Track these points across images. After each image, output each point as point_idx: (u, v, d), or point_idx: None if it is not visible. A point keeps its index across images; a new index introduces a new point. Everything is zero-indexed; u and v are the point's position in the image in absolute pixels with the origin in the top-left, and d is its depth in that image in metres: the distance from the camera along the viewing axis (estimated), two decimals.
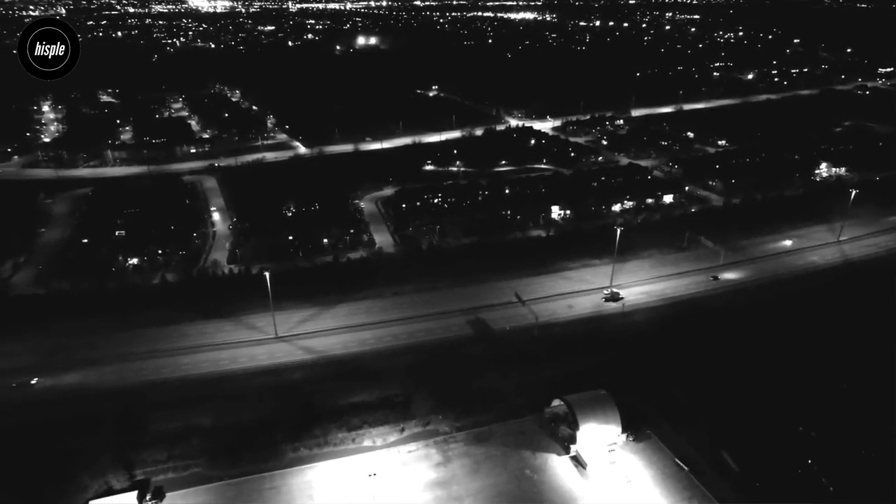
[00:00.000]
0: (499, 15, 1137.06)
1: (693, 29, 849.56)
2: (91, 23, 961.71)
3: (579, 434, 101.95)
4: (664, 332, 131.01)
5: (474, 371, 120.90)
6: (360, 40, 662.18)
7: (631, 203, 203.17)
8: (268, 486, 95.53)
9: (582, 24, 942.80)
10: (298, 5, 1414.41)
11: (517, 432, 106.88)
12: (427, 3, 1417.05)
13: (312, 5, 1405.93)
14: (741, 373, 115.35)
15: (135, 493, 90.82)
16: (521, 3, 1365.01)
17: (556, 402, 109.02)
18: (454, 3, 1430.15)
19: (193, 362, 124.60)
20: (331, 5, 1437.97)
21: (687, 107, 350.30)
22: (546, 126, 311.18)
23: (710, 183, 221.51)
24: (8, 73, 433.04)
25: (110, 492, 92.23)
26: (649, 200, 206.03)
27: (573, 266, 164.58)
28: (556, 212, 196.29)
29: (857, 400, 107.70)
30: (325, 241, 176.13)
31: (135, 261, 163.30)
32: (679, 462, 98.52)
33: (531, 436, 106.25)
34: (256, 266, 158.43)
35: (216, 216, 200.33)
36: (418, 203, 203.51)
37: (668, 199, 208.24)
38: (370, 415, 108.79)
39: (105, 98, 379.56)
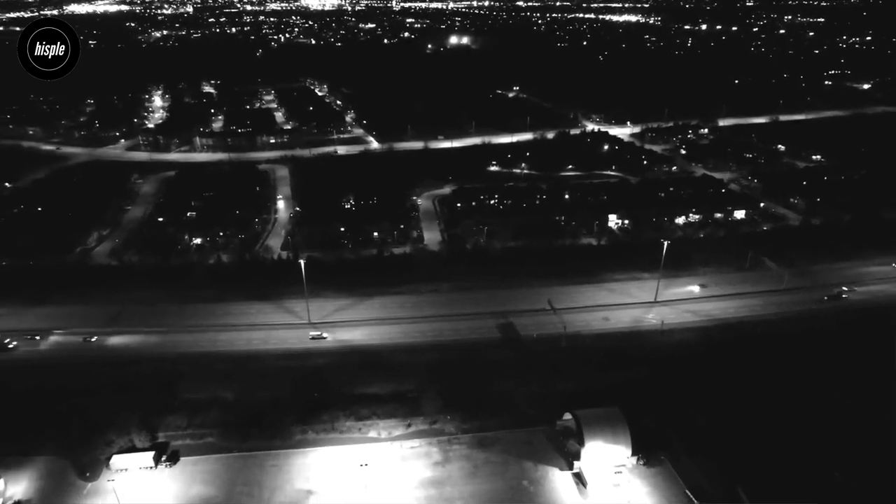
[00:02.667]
0: (600, 17, 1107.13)
1: (812, 33, 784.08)
2: (212, 19, 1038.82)
3: (584, 451, 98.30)
4: (701, 355, 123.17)
5: (493, 375, 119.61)
6: (453, 40, 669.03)
7: (696, 216, 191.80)
8: (271, 462, 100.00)
9: (687, 27, 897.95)
10: (402, 4, 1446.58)
11: (523, 442, 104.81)
12: (529, 4, 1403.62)
13: (416, 4, 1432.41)
14: (776, 406, 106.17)
15: (152, 454, 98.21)
16: (626, 6, 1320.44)
17: (567, 416, 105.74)
18: (557, 4, 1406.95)
19: (229, 339, 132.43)
20: (433, 5, 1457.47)
21: (784, 117, 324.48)
22: (623, 132, 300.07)
23: (792, 200, 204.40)
24: (127, 63, 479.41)
25: (133, 449, 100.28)
26: (718, 215, 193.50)
27: (620, 278, 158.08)
28: (613, 220, 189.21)
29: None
30: (375, 234, 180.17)
31: (199, 241, 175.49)
32: (689, 494, 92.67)
33: (537, 447, 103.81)
34: (304, 254, 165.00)
35: (281, 204, 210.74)
36: (473, 203, 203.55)
37: (739, 214, 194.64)
38: (380, 407, 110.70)
39: (207, 89, 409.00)
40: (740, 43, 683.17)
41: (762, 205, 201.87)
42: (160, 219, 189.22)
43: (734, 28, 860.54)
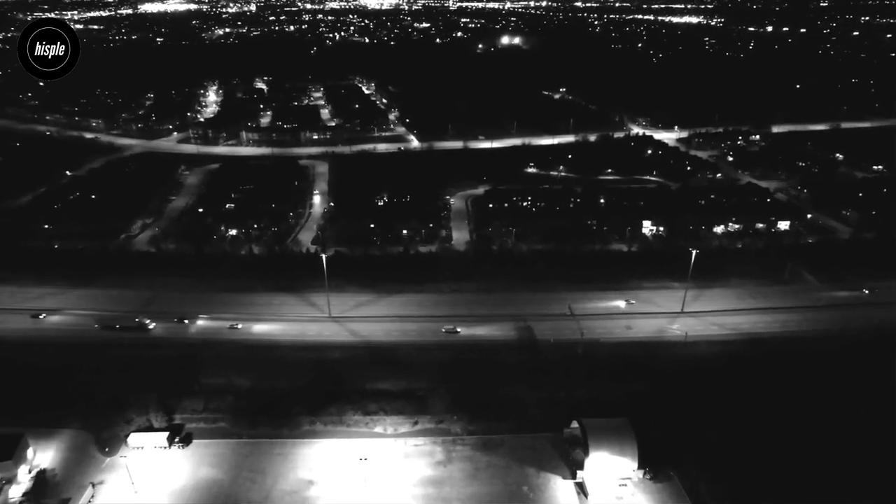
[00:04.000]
0: (659, 18, 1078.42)
1: (889, 35, 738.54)
2: (272, 18, 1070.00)
3: (588, 461, 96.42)
4: (723, 369, 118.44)
5: (505, 378, 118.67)
6: (504, 40, 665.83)
7: (736, 226, 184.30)
8: (277, 451, 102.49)
9: (751, 29, 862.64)
10: (459, 3, 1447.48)
11: (528, 447, 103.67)
12: (587, 5, 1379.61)
13: (472, 4, 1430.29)
14: (796, 428, 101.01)
15: (166, 435, 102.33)
16: (688, 7, 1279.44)
17: (574, 424, 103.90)
18: (616, 5, 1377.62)
19: (252, 329, 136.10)
20: (490, 4, 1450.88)
21: (847, 125, 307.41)
22: (669, 136, 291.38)
23: (844, 212, 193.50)
24: (188, 60, 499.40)
25: (150, 429, 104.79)
26: (759, 225, 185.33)
27: (648, 286, 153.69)
28: (647, 227, 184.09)
29: None
30: (404, 232, 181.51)
31: (234, 232, 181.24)
32: None
33: (542, 454, 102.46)
34: (332, 249, 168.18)
35: (316, 199, 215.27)
36: (505, 204, 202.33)
37: (783, 225, 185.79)
38: (389, 403, 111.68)
39: (259, 85, 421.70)
40: (808, 45, 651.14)
41: (809, 216, 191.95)
42: (200, 209, 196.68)
43: (803, 30, 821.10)
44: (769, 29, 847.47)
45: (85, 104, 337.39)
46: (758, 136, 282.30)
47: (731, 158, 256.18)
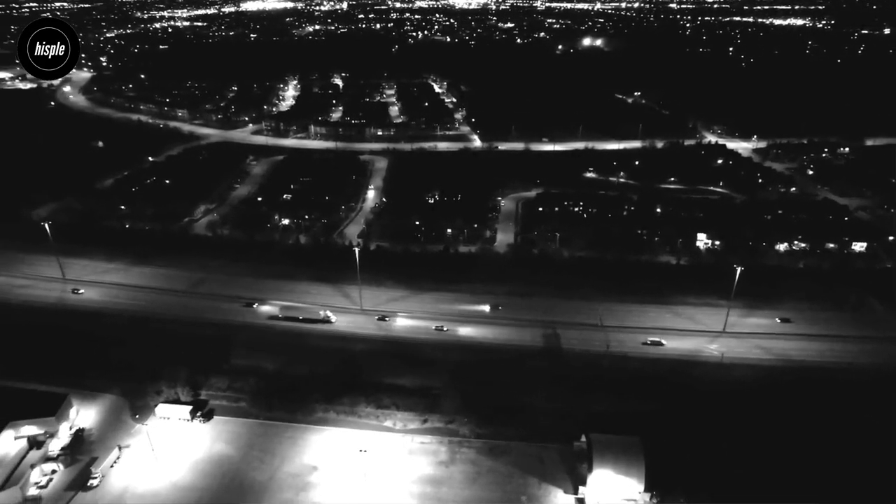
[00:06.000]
0: (760, 20, 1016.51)
1: None
2: (361, 16, 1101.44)
3: (591, 477, 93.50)
4: (759, 397, 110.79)
5: (523, 385, 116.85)
6: (586, 41, 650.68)
7: (803, 244, 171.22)
8: (289, 434, 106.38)
9: (864, 31, 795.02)
10: (546, 4, 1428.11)
11: (534, 457, 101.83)
12: (682, 6, 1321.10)
13: (561, 4, 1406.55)
14: (831, 470, 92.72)
15: (190, 409, 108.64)
16: (796, 8, 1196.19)
17: (584, 438, 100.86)
18: (715, 6, 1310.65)
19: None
20: (579, 5, 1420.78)
21: None
22: (744, 146, 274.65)
23: None
24: (275, 55, 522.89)
25: (177, 402, 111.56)
26: (830, 245, 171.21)
27: (692, 302, 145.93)
28: (701, 240, 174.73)
29: None
30: (448, 231, 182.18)
31: (286, 221, 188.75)
32: None
33: (547, 465, 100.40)
34: (374, 243, 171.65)
35: (370, 194, 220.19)
36: (556, 208, 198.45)
37: (858, 247, 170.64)
38: (402, 399, 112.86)
39: (336, 80, 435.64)
40: None
41: (892, 238, 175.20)
42: (259, 198, 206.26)
43: None
44: (886, 32, 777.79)
45: (175, 95, 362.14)
46: (846, 149, 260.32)
47: (810, 172, 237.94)
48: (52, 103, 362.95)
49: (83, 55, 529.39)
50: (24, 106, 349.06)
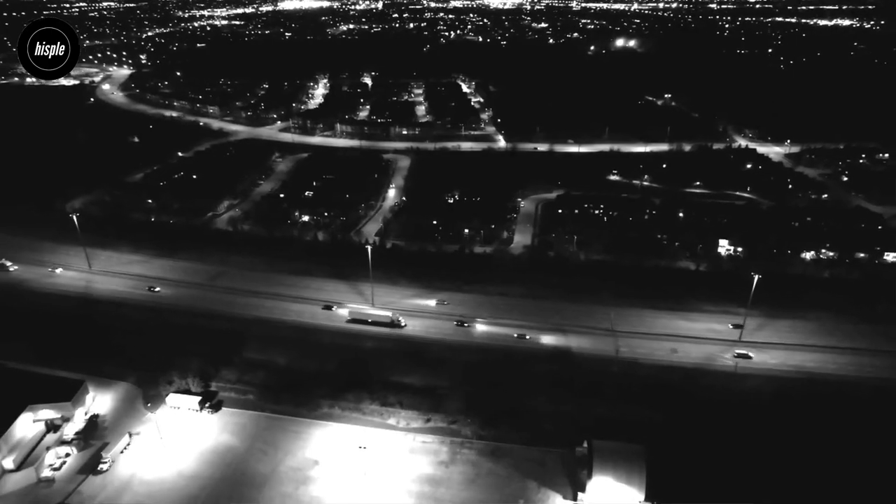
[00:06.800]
0: (803, 21, 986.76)
1: None
2: (396, 15, 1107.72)
3: (590, 484, 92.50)
4: (771, 409, 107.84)
5: (529, 388, 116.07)
6: (619, 42, 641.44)
7: (830, 253, 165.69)
8: (293, 428, 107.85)
9: None
10: (582, 4, 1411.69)
11: (536, 461, 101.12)
12: (722, 7, 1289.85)
13: (597, 5, 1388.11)
14: (835, 483, 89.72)
15: (199, 399, 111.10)
16: (843, 8, 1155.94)
17: (586, 444, 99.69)
18: (757, 6, 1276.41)
19: (298, 311, 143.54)
20: (616, 6, 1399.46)
21: None
22: (776, 151, 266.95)
23: None
24: (308, 53, 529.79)
25: (188, 392, 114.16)
26: (861, 255, 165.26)
27: (710, 309, 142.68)
28: (723, 246, 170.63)
29: None
30: (466, 231, 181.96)
31: (305, 218, 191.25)
32: None
33: (548, 469, 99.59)
34: (391, 242, 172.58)
35: (391, 192, 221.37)
36: (576, 210, 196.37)
37: (890, 257, 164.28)
38: (407, 397, 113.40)
39: (365, 79, 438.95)
40: None
41: None
42: (281, 195, 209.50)
43: None
44: None
45: (207, 92, 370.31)
46: (886, 155, 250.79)
47: (845, 178, 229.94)
48: (92, 99, 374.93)
49: (124, 53, 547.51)
50: (67, 102, 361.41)
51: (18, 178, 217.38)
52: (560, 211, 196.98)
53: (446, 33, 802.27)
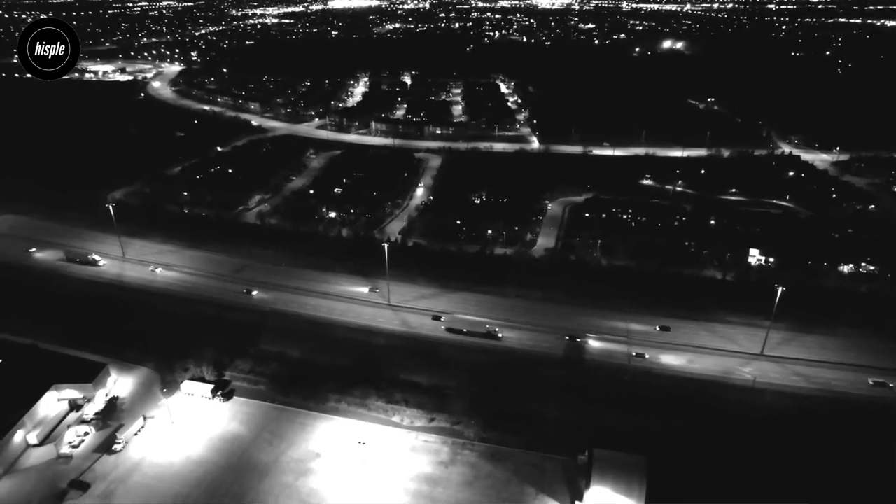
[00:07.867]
0: (868, 21, 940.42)
1: None
2: (442, 14, 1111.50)
3: (588, 493, 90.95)
4: (790, 426, 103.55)
5: (537, 392, 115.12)
6: (666, 44, 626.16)
7: (871, 267, 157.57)
8: (299, 420, 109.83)
9: None
10: (633, 5, 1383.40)
11: (537, 466, 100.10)
12: (781, 7, 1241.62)
13: (647, 6, 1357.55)
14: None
15: (212, 388, 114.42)
16: None
17: (587, 453, 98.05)
18: (819, 6, 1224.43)
19: (316, 305, 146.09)
20: (667, 7, 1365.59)
21: None
22: (823, 158, 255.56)
23: None
24: (353, 51, 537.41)
25: (202, 380, 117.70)
26: None
27: (733, 321, 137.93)
28: (754, 256, 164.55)
29: None
30: (488, 232, 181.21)
31: (332, 214, 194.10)
32: None
33: (548, 476, 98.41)
34: (413, 240, 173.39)
35: (419, 191, 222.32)
36: (603, 214, 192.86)
37: None
38: (413, 396, 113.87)
39: (405, 78, 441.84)
40: None
41: None
42: (311, 191, 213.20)
43: None
44: None
45: (250, 89, 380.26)
46: None
47: None
48: (142, 94, 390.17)
49: (177, 50, 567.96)
50: (119, 97, 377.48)
51: (72, 169, 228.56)
52: (587, 214, 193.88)
53: (491, 33, 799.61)
